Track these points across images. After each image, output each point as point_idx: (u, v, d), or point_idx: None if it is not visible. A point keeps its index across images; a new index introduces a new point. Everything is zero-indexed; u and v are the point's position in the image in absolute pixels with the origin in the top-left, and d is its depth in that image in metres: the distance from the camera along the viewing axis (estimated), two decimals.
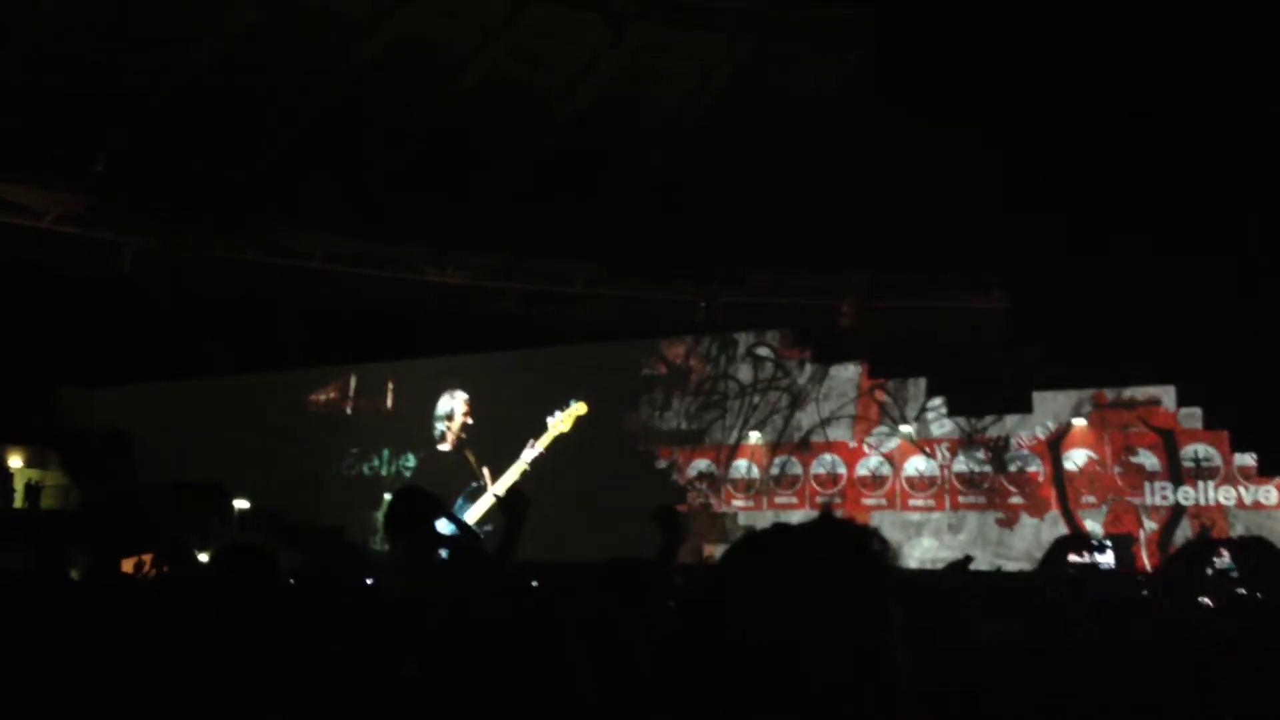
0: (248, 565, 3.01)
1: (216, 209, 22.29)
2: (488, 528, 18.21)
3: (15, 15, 20.01)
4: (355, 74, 22.42)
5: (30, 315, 21.41)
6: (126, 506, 19.71)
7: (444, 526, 4.12)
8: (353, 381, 23.95)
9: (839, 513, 17.92)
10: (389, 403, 23.59)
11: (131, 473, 24.02)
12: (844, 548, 1.14)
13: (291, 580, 3.51)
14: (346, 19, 21.81)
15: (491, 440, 21.81)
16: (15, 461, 22.98)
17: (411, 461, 22.93)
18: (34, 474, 22.67)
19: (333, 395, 24.20)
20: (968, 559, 4.02)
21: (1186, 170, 15.68)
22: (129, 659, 2.66)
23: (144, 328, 22.87)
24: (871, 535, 1.17)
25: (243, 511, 20.61)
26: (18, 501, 21.80)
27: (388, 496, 22.41)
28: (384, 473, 23.21)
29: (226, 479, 22.39)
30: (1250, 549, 3.58)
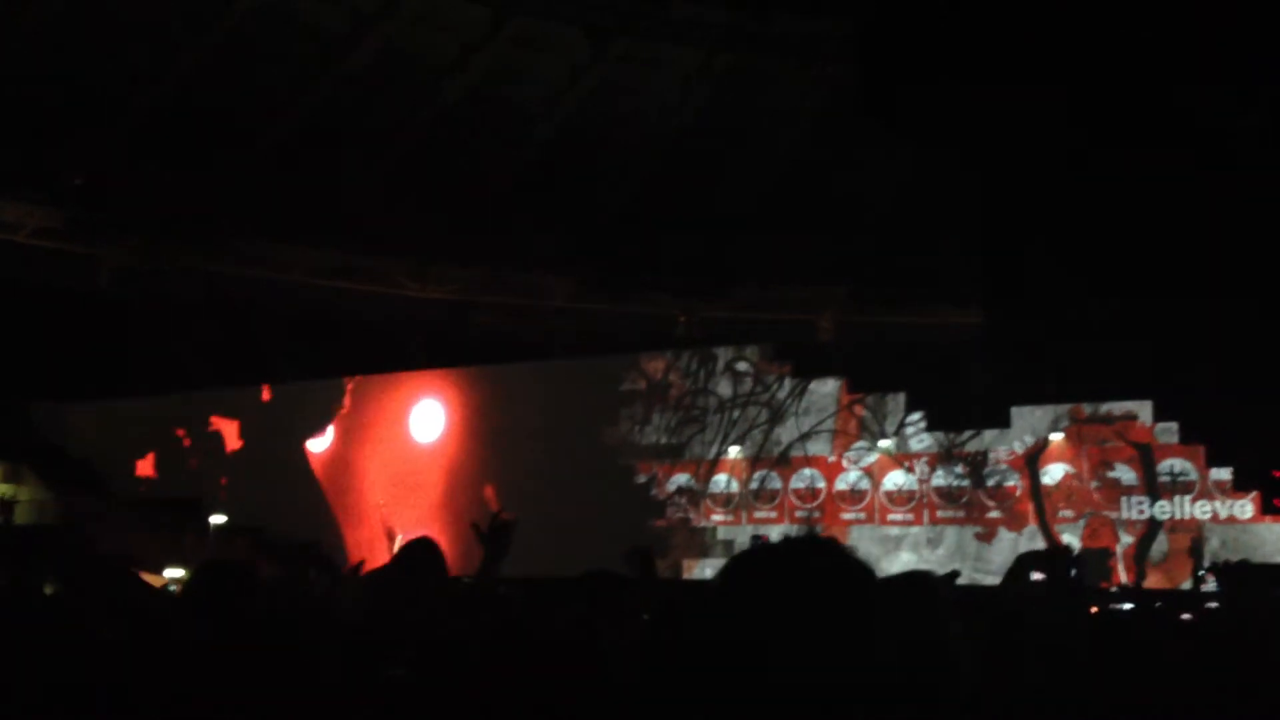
0: (228, 584, 2.99)
1: (194, 223, 22.17)
2: None
3: None
4: (335, 87, 22.39)
5: (6, 329, 21.23)
6: (96, 524, 19.54)
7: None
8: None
9: (818, 528, 17.96)
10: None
11: (106, 489, 23.83)
12: (837, 563, 1.15)
13: (269, 596, 3.49)
14: (327, 32, 21.79)
15: (469, 455, 21.74)
16: None
17: None
18: (7, 489, 22.44)
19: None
20: (955, 574, 4.03)
21: (1164, 186, 15.84)
22: (102, 673, 2.64)
23: (121, 342, 22.71)
24: (852, 551, 1.19)
25: (219, 527, 20.46)
26: None
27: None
28: None
29: (203, 494, 22.25)
30: (1233, 571, 3.63)
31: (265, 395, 23.90)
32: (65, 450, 24.59)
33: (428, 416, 22.49)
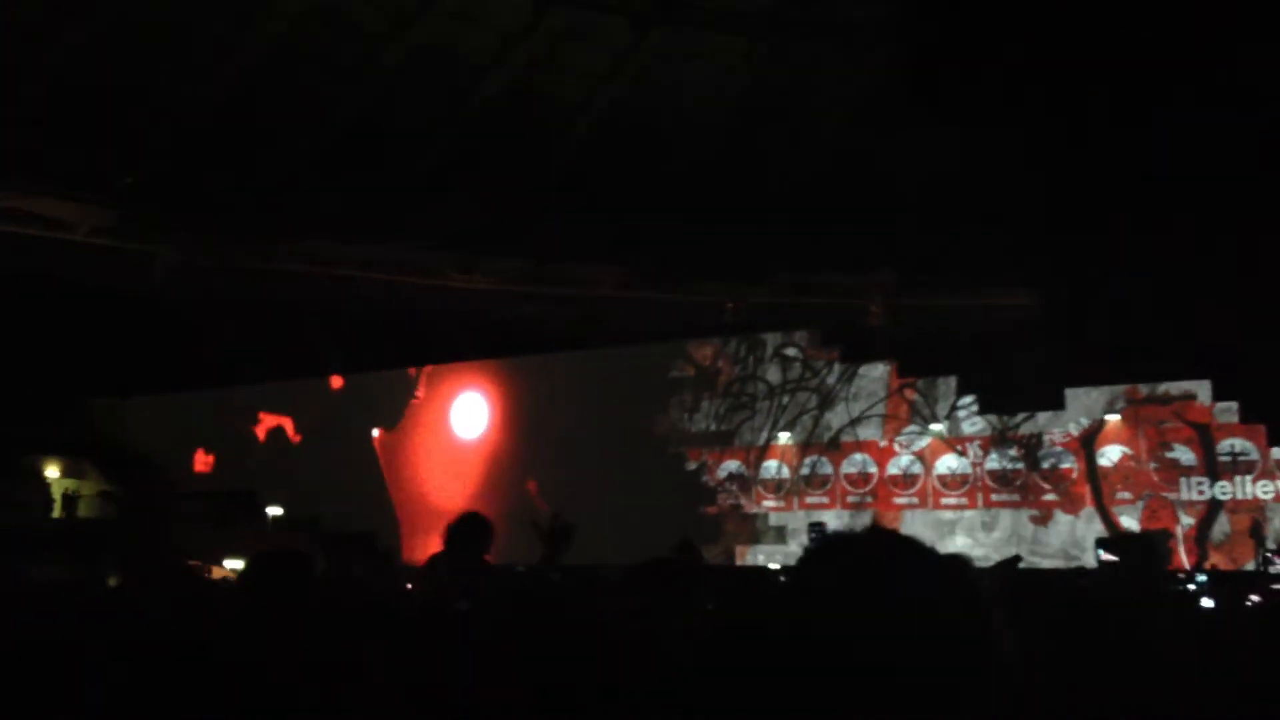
0: (282, 572, 3.01)
1: (245, 219, 22.45)
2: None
3: (45, 29, 20.23)
4: (378, 83, 22.52)
5: (64, 327, 21.65)
6: (157, 518, 19.90)
7: None
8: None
9: (870, 513, 17.84)
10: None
11: (166, 483, 24.24)
12: (930, 560, 1.13)
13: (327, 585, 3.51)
14: (368, 29, 21.91)
15: (518, 444, 21.85)
16: (52, 472, 23.24)
17: None
18: (70, 484, 22.92)
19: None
20: (1017, 558, 3.98)
21: (1223, 161, 15.50)
22: (165, 664, 2.66)
23: (178, 337, 23.09)
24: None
25: (276, 518, 20.74)
26: (55, 511, 22.04)
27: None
28: None
29: (260, 486, 22.56)
30: None
31: (337, 383, 24.20)
32: (125, 445, 25.07)
33: (476, 407, 22.63)
